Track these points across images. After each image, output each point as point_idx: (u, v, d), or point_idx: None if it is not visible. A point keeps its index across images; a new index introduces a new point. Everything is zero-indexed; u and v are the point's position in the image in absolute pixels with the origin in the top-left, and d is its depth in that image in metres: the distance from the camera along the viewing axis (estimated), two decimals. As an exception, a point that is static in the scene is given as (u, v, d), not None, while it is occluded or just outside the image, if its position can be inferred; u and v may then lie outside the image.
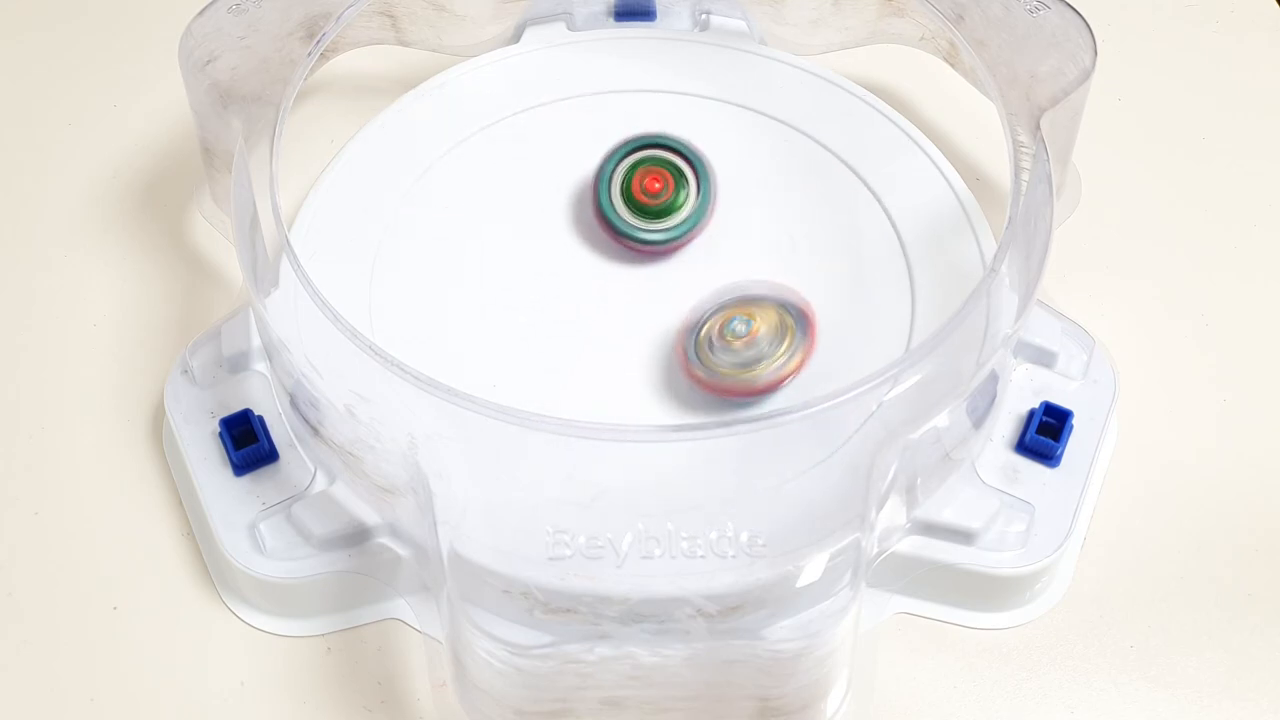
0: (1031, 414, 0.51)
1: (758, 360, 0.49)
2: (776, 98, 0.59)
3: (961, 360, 0.47)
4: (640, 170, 0.53)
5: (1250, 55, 0.65)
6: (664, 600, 0.43)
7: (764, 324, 0.49)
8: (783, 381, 0.49)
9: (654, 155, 0.54)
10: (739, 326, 0.49)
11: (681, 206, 0.53)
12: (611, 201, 0.53)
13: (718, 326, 0.49)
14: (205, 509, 0.49)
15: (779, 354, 0.49)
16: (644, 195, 0.53)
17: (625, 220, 0.53)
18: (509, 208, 0.55)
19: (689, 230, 0.53)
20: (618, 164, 0.54)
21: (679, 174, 0.53)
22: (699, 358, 0.49)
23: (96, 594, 0.49)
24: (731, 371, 0.49)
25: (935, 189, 0.55)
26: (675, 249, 0.53)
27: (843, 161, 0.57)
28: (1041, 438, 0.50)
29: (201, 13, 0.53)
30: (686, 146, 0.54)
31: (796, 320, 0.49)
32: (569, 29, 0.61)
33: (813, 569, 0.43)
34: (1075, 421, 0.50)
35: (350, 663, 0.48)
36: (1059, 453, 0.50)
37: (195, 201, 0.58)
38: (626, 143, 0.54)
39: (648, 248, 0.53)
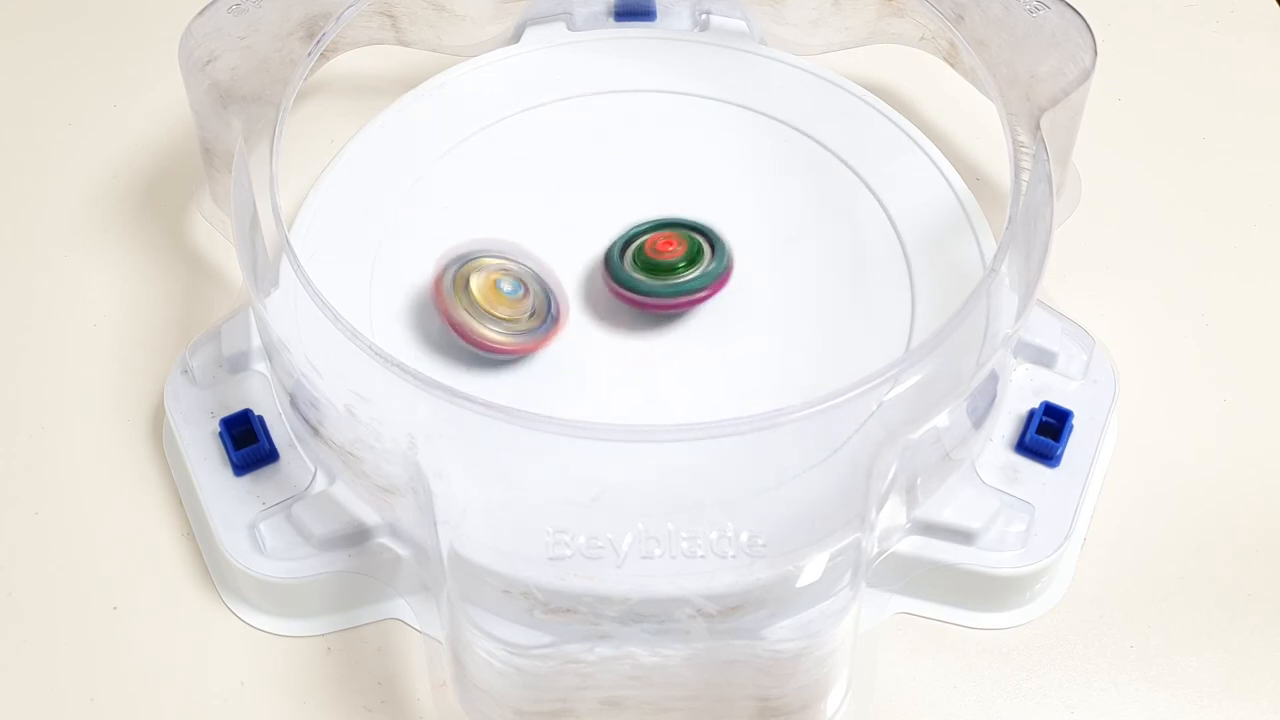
0: (1031, 414, 0.51)
1: (504, 322, 0.50)
2: (776, 98, 0.59)
3: (961, 360, 0.47)
4: (653, 236, 0.52)
5: (1250, 55, 0.65)
6: (664, 600, 0.43)
7: (530, 298, 0.50)
8: (509, 347, 0.50)
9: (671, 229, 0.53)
10: (506, 286, 0.50)
11: (693, 266, 0.52)
12: (624, 264, 0.52)
13: (492, 279, 0.50)
14: (205, 509, 0.49)
15: (522, 328, 0.50)
16: (654, 254, 0.52)
17: (634, 278, 0.52)
18: (509, 208, 0.55)
19: (703, 286, 0.51)
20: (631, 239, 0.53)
21: (693, 242, 0.52)
22: (458, 295, 0.50)
23: (96, 594, 0.49)
24: (473, 322, 0.50)
25: (935, 189, 0.55)
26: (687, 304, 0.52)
27: (843, 161, 0.57)
28: (1041, 438, 0.50)
29: (201, 13, 0.53)
30: (704, 226, 0.53)
31: (552, 303, 0.51)
32: (569, 29, 0.61)
33: (813, 569, 0.43)
34: (1075, 421, 0.50)
35: (350, 663, 0.48)
36: (1059, 453, 0.50)
37: (195, 201, 0.58)
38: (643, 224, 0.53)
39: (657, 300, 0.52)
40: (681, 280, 0.51)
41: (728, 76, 0.59)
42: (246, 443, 0.49)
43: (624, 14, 0.61)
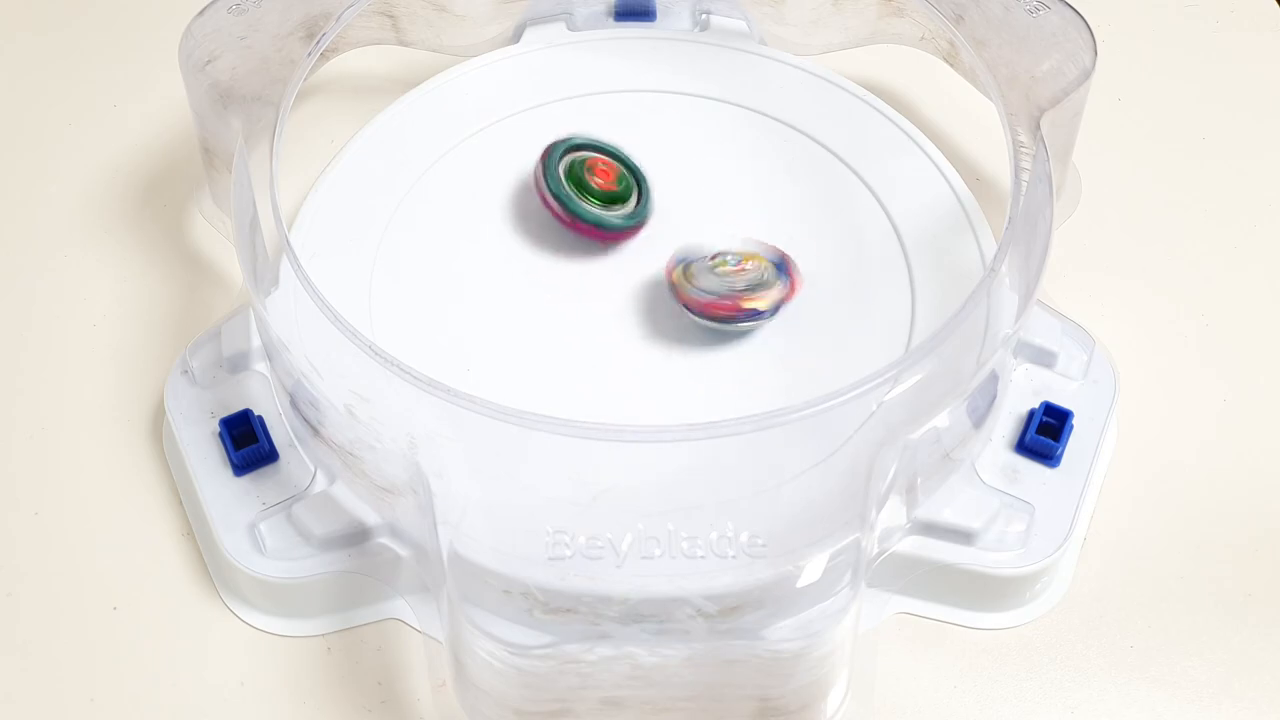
0: (1031, 414, 0.51)
1: (743, 288, 0.51)
2: (776, 98, 0.59)
3: (961, 360, 0.47)
4: (585, 164, 0.54)
5: (1250, 55, 0.65)
6: (664, 600, 0.43)
7: (750, 261, 0.51)
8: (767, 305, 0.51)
9: (589, 154, 0.54)
10: (729, 258, 0.51)
11: (629, 197, 0.54)
12: (567, 191, 0.53)
13: (708, 259, 0.51)
14: (205, 509, 0.49)
15: (763, 286, 0.51)
16: (597, 184, 0.53)
17: (586, 208, 0.53)
18: (509, 208, 0.55)
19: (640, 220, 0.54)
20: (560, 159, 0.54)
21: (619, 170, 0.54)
22: (688, 280, 0.51)
23: (96, 594, 0.49)
24: (723, 293, 0.51)
25: (935, 189, 0.55)
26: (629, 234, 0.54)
27: (843, 161, 0.57)
28: (1041, 438, 0.50)
29: (201, 13, 0.53)
30: (615, 150, 0.55)
31: (778, 265, 0.51)
32: (569, 29, 0.61)
33: (813, 569, 0.43)
34: (1075, 421, 0.50)
35: (350, 663, 0.48)
36: (1059, 453, 0.50)
37: (195, 201, 0.58)
38: (561, 143, 0.54)
39: (611, 233, 0.54)
40: (609, 213, 0.53)
41: (728, 76, 0.59)
42: (246, 443, 0.49)
43: (624, 14, 0.61)
